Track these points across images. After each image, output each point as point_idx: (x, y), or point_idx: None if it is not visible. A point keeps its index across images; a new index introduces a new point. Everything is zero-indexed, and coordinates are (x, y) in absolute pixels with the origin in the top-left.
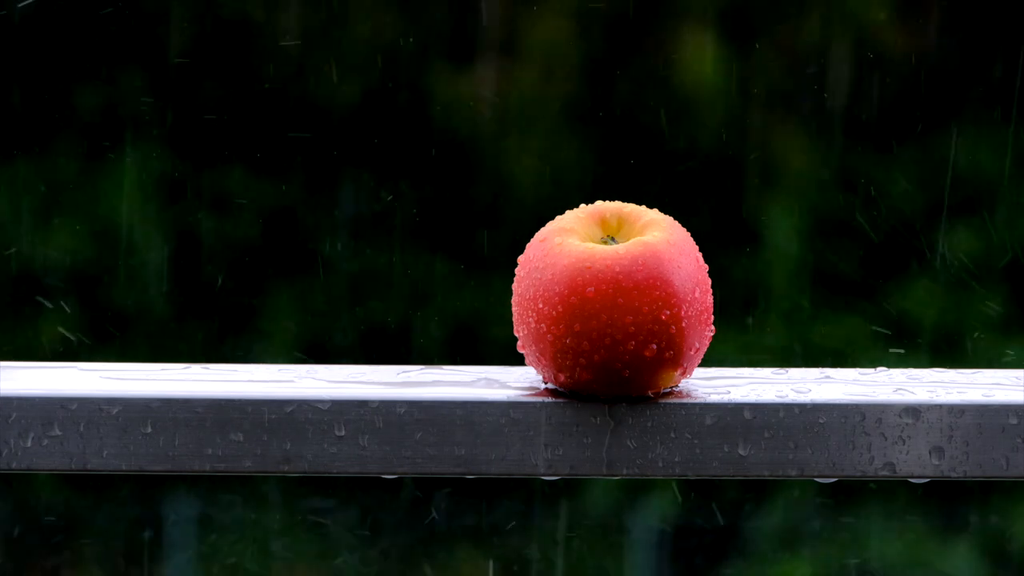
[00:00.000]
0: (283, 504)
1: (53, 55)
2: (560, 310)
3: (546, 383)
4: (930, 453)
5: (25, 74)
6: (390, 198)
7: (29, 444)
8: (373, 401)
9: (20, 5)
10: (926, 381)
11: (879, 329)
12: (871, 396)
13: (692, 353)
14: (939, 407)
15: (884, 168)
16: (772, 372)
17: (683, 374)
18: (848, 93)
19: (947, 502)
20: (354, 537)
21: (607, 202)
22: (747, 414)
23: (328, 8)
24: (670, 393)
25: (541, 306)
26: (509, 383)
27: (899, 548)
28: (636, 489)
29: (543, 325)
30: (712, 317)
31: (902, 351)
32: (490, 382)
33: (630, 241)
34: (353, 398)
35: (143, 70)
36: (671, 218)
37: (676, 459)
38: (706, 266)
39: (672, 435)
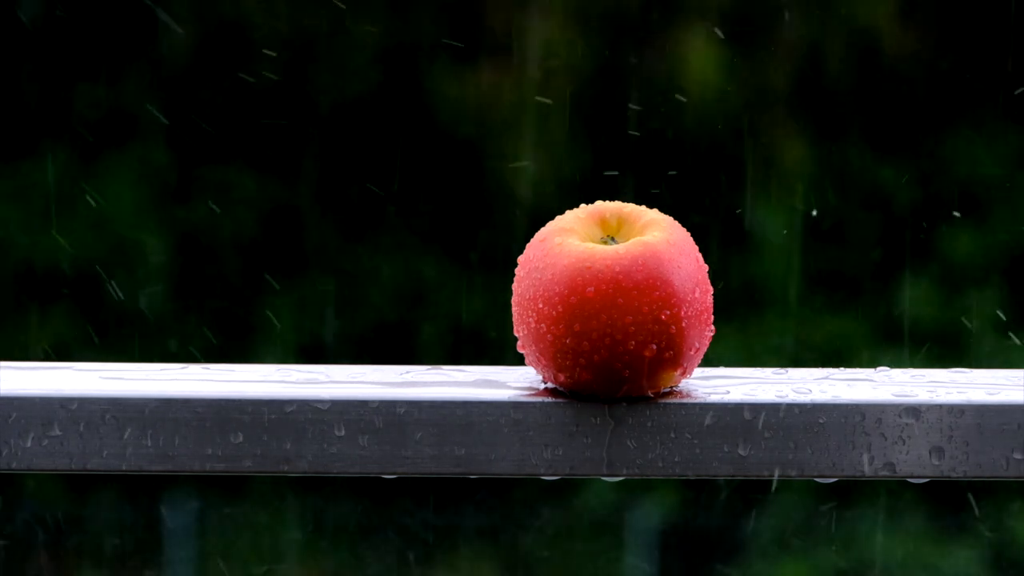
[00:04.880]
0: (282, 504)
1: (56, 55)
2: (560, 310)
3: (546, 383)
4: (930, 453)
5: (27, 73)
6: (390, 198)
7: (29, 444)
8: (373, 401)
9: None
10: (926, 381)
11: (878, 329)
12: (871, 396)
13: (692, 353)
14: (939, 407)
15: (884, 168)
16: (772, 372)
17: (683, 374)
18: (848, 93)
19: (947, 502)
20: (353, 537)
21: (607, 202)
22: (747, 414)
23: (329, 8)
24: (670, 393)
25: (541, 306)
26: (509, 383)
27: (899, 548)
28: (636, 489)
29: (543, 325)
30: (712, 317)
31: (901, 351)
32: (490, 382)
33: (630, 241)
34: (353, 398)
35: (144, 69)
36: (671, 218)
37: (676, 459)
38: (706, 266)
39: (672, 435)
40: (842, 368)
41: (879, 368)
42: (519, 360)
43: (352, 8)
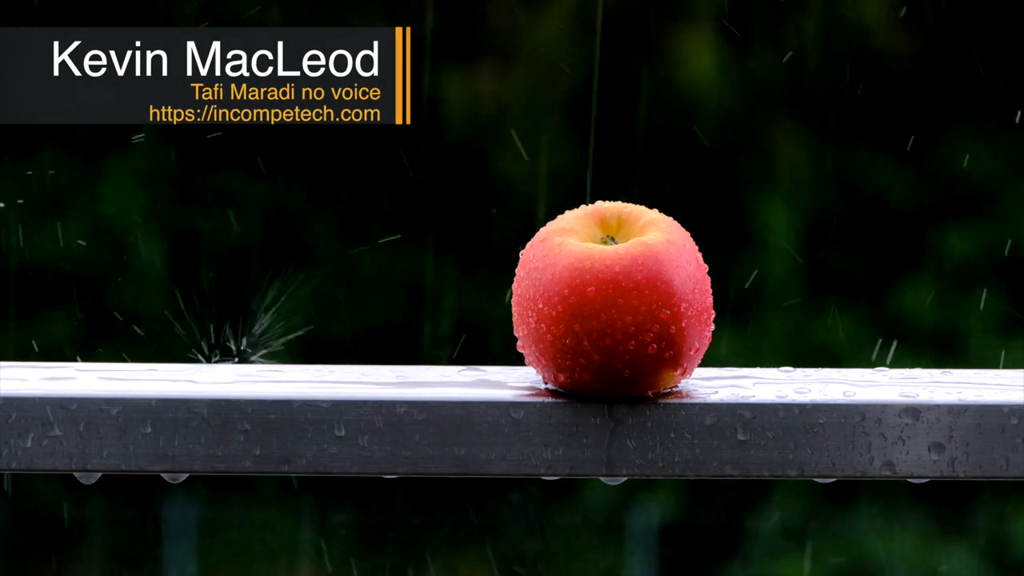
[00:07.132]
0: (282, 504)
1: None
2: (560, 310)
3: (546, 383)
4: (930, 453)
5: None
6: (390, 198)
7: (29, 444)
8: (373, 401)
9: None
10: (926, 381)
11: (878, 329)
12: (871, 396)
13: (692, 353)
14: (939, 407)
15: (883, 168)
16: (772, 372)
17: (683, 374)
18: (847, 94)
19: (947, 502)
20: (353, 537)
21: (607, 202)
22: (747, 414)
23: (326, 6)
24: (670, 393)
25: (541, 306)
26: (509, 383)
27: (899, 548)
28: (636, 489)
29: (543, 325)
30: (712, 317)
31: (901, 351)
32: (490, 382)
33: (630, 241)
34: (353, 398)
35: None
36: (671, 218)
37: (676, 459)
38: (706, 266)
39: (672, 435)
40: (842, 368)
41: (879, 368)
42: (519, 360)
43: (351, 6)
